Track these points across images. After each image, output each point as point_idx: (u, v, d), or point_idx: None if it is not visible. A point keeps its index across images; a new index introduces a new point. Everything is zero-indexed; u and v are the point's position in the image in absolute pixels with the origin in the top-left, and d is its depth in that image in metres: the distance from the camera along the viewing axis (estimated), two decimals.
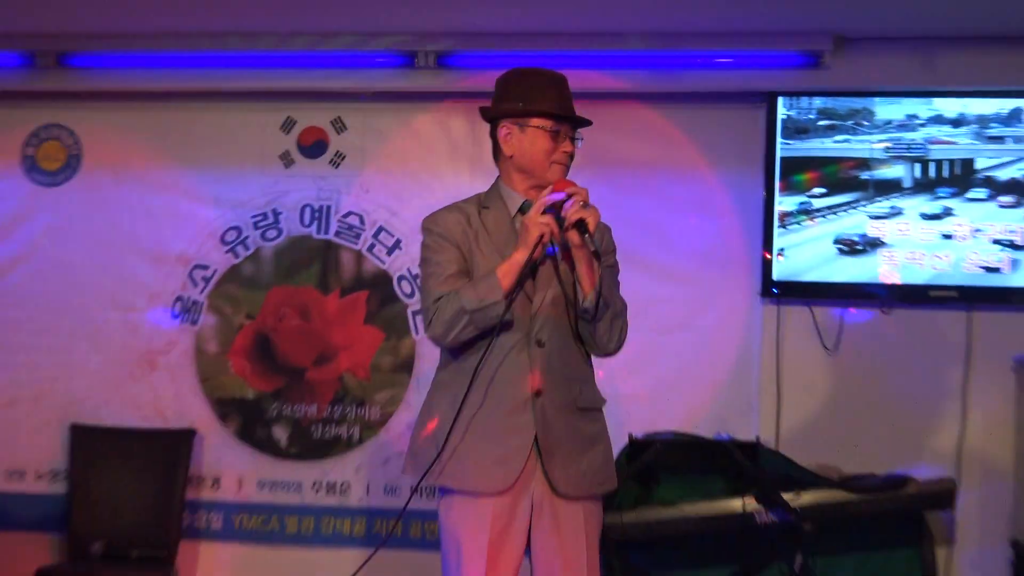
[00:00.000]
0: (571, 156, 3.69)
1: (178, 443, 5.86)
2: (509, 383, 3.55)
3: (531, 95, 3.69)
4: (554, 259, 3.65)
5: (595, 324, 3.57)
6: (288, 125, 6.10)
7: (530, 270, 3.58)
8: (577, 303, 3.59)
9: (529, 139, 3.65)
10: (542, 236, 3.46)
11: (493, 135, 3.77)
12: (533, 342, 3.57)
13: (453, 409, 3.54)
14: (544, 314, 3.60)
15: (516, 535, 3.57)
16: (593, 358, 3.76)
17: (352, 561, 5.47)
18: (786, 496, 5.17)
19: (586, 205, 3.46)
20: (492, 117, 3.78)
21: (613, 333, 3.66)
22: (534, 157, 3.65)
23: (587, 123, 3.73)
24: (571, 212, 3.44)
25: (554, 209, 3.55)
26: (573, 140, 3.69)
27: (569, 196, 3.48)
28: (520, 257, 3.46)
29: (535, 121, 3.63)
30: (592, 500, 3.67)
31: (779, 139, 5.72)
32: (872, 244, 5.67)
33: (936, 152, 5.65)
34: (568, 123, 3.69)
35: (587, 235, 3.39)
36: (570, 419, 3.60)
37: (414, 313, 5.99)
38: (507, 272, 3.46)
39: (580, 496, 3.59)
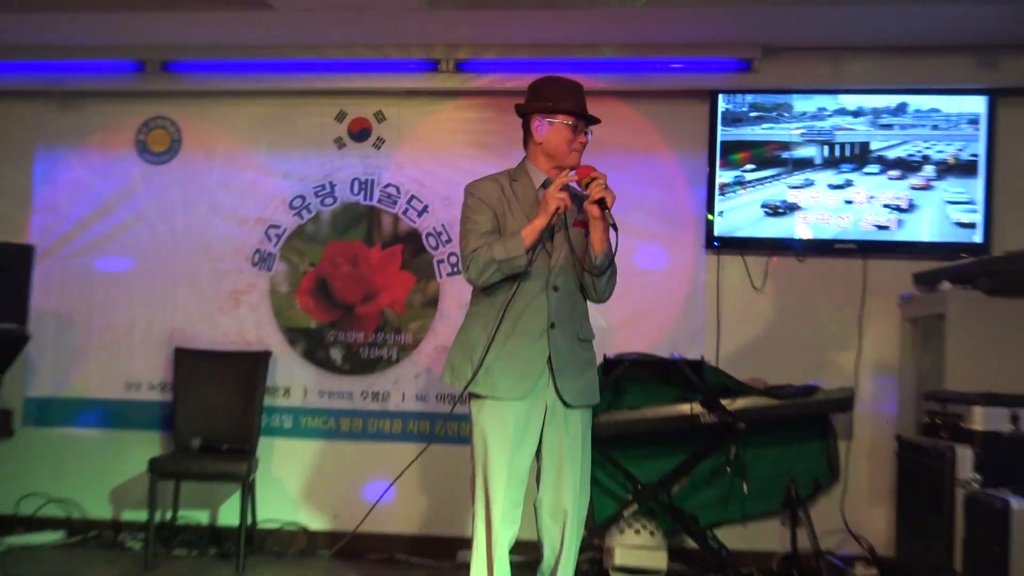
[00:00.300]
0: (584, 145, 3.91)
1: (257, 362, 5.96)
2: (532, 318, 3.80)
3: (558, 97, 3.88)
4: (565, 226, 3.85)
5: (599, 278, 3.82)
6: (340, 116, 6.21)
7: (550, 233, 3.80)
8: (587, 261, 3.81)
9: (556, 130, 3.86)
10: (558, 208, 3.69)
11: (526, 126, 3.95)
12: (551, 287, 3.82)
13: (485, 334, 3.80)
14: (559, 267, 3.82)
15: (532, 433, 3.82)
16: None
17: (392, 452, 5.86)
18: (724, 402, 5.32)
19: (606, 187, 3.69)
20: (525, 112, 3.94)
21: (609, 285, 3.91)
22: (559, 145, 3.87)
23: (597, 121, 3.94)
24: (595, 191, 3.68)
25: (575, 187, 3.81)
26: (586, 133, 3.91)
27: (592, 179, 3.70)
28: (540, 223, 3.69)
29: (561, 117, 3.85)
30: (586, 409, 3.92)
31: (719, 127, 5.82)
32: (790, 208, 5.76)
33: (840, 136, 5.75)
34: (584, 120, 3.89)
35: (607, 210, 3.67)
36: (574, 347, 3.86)
37: (438, 262, 6.07)
38: (529, 233, 3.69)
39: (579, 405, 3.85)
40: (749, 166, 5.86)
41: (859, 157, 5.79)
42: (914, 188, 5.72)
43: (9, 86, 6.32)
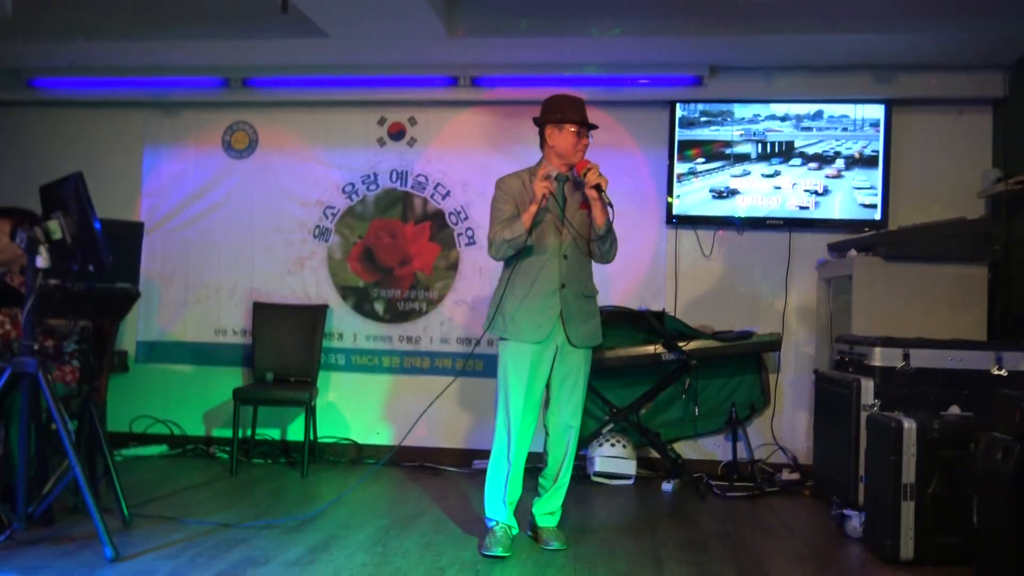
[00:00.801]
0: (587, 146, 3.96)
1: (318, 313, 5.97)
2: (547, 279, 3.90)
3: (565, 110, 3.94)
4: (562, 210, 3.91)
5: (603, 244, 3.87)
6: (382, 121, 6.14)
7: (560, 214, 3.90)
8: (592, 232, 3.88)
9: (564, 136, 3.92)
10: (544, 195, 3.75)
11: (541, 133, 4.00)
12: (562, 256, 3.91)
13: (512, 294, 3.91)
14: (568, 241, 3.89)
15: (544, 368, 3.95)
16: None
17: (422, 383, 5.90)
18: (680, 344, 5.33)
19: (600, 175, 3.77)
20: (542, 123, 4.00)
21: (612, 249, 3.99)
22: (567, 147, 3.93)
23: (595, 127, 3.99)
24: (592, 178, 3.76)
25: (575, 175, 3.90)
26: (588, 136, 3.96)
27: (588, 169, 3.78)
28: (533, 208, 3.79)
29: (568, 126, 3.93)
30: (588, 349, 4.03)
31: (678, 129, 5.77)
32: (732, 192, 5.73)
33: (771, 136, 5.71)
34: (585, 127, 3.93)
35: (603, 192, 3.74)
36: (580, 302, 3.95)
37: (458, 235, 6.02)
38: (528, 216, 3.80)
39: (582, 346, 3.98)
40: (700, 160, 5.80)
41: (785, 153, 5.74)
42: (828, 177, 5.68)
43: (123, 97, 6.27)
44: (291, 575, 3.55)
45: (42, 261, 3.69)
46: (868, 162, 5.66)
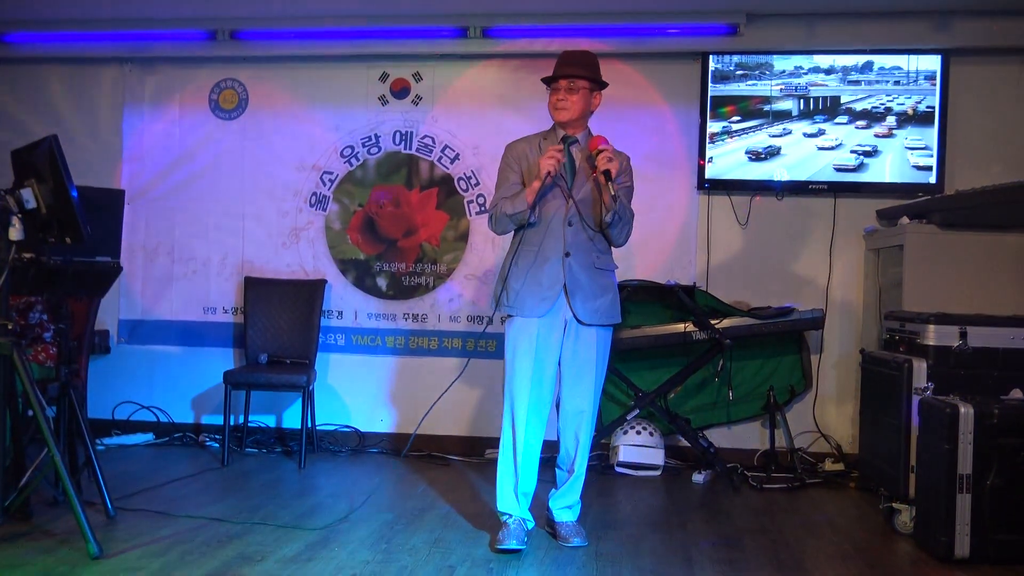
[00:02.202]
0: (566, 101, 3.93)
1: (315, 289, 5.98)
2: (551, 246, 3.92)
3: (556, 68, 3.98)
4: (572, 179, 3.94)
5: (612, 229, 3.89)
6: (384, 77, 6.11)
7: (568, 182, 3.93)
8: (601, 214, 3.90)
9: (550, 96, 4.00)
10: (549, 172, 3.78)
11: None
12: (566, 223, 3.91)
13: (516, 266, 3.95)
14: (574, 208, 3.92)
15: (552, 344, 3.95)
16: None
17: (429, 365, 5.97)
18: (713, 321, 5.33)
19: (611, 159, 3.80)
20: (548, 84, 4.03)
21: (622, 234, 3.99)
22: (549, 106, 4.01)
23: (580, 75, 3.93)
24: (601, 163, 3.79)
25: (587, 152, 3.91)
26: (570, 90, 3.92)
27: (600, 151, 3.82)
28: (536, 184, 3.82)
29: (551, 87, 3.98)
30: (602, 327, 4.00)
31: (710, 84, 5.75)
32: (771, 154, 5.71)
33: (814, 91, 5.69)
34: (563, 80, 3.93)
35: (610, 181, 3.76)
36: (589, 273, 3.94)
37: (468, 202, 6.03)
38: (531, 192, 3.83)
39: (593, 324, 3.94)
40: (735, 118, 5.79)
41: (830, 109, 5.71)
42: (878, 136, 5.65)
43: (100, 53, 6.27)
44: (288, 573, 3.59)
45: (15, 233, 3.70)
46: (922, 119, 5.63)
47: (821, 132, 5.73)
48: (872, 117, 5.67)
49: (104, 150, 6.35)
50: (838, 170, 5.70)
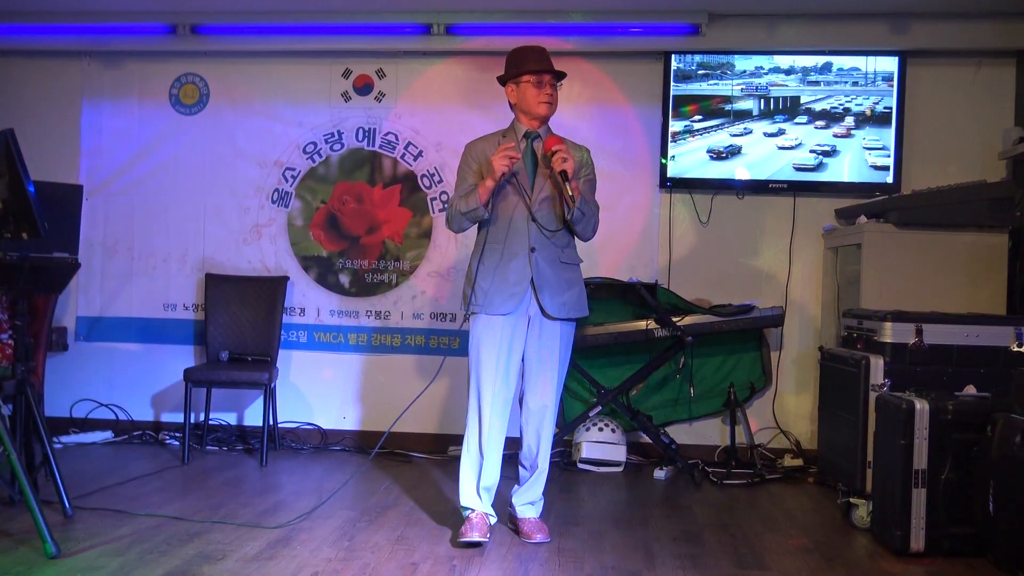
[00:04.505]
0: (553, 96, 3.97)
1: (277, 286, 5.96)
2: (516, 243, 3.92)
3: (520, 63, 3.98)
4: (534, 175, 3.95)
5: (576, 225, 3.90)
6: (347, 73, 6.10)
7: (531, 178, 3.95)
8: (562, 211, 3.91)
9: (522, 90, 3.97)
10: (503, 173, 3.80)
11: (507, 94, 4.05)
12: (530, 220, 3.91)
13: (483, 264, 3.95)
14: (537, 204, 3.90)
15: (518, 340, 3.97)
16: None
17: (392, 362, 5.97)
18: (674, 319, 5.34)
19: (565, 159, 3.79)
20: (503, 82, 4.06)
21: (588, 229, 4.01)
22: (528, 101, 3.96)
23: (562, 74, 3.99)
24: (556, 164, 3.79)
25: (543, 153, 3.90)
26: (553, 85, 3.96)
27: (554, 152, 3.81)
28: (490, 183, 3.83)
29: (524, 78, 3.95)
30: (568, 322, 4.04)
31: (672, 83, 5.77)
32: (731, 153, 5.74)
33: (774, 91, 5.72)
34: (548, 75, 3.95)
35: (568, 182, 3.77)
36: (556, 268, 3.94)
37: (431, 199, 6.02)
38: (484, 190, 3.84)
39: (559, 318, 3.96)
40: (697, 117, 5.81)
41: (790, 109, 5.75)
42: (836, 136, 5.70)
43: (58, 46, 6.20)
44: (249, 571, 3.57)
45: None
46: (880, 120, 5.67)
47: (781, 132, 5.76)
48: (831, 117, 5.71)
49: (62, 145, 6.28)
50: (798, 169, 5.73)
